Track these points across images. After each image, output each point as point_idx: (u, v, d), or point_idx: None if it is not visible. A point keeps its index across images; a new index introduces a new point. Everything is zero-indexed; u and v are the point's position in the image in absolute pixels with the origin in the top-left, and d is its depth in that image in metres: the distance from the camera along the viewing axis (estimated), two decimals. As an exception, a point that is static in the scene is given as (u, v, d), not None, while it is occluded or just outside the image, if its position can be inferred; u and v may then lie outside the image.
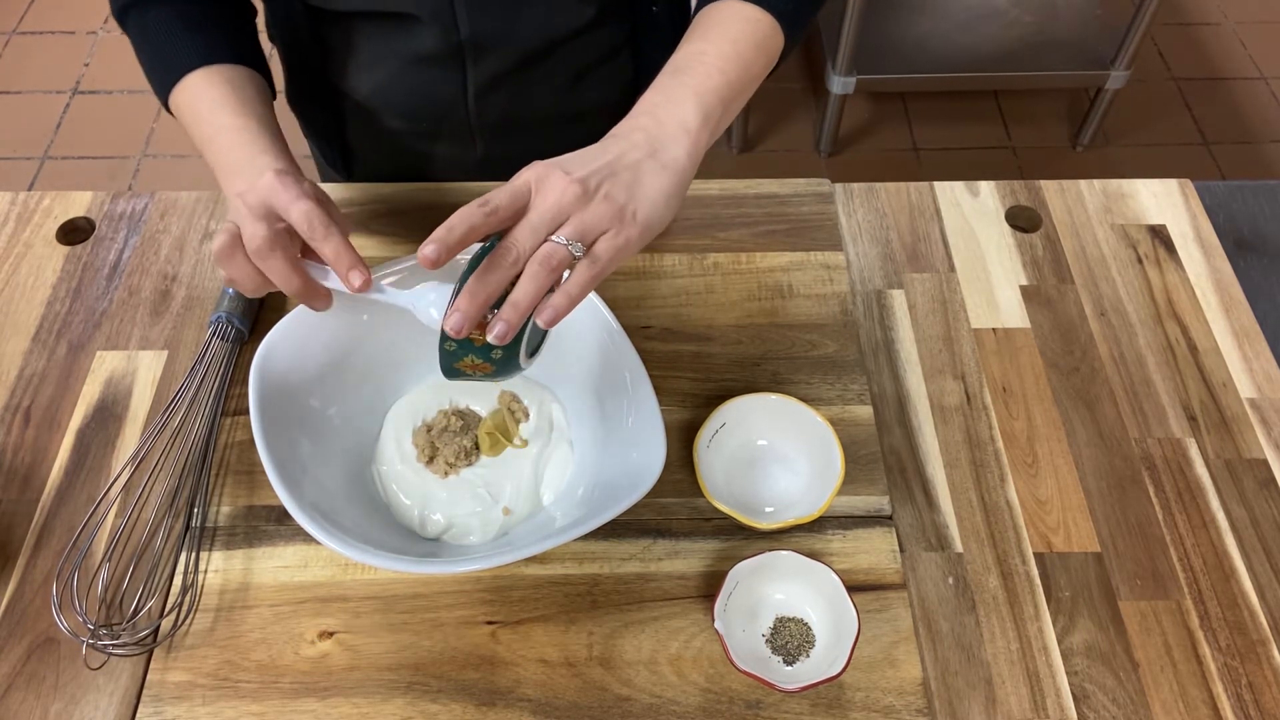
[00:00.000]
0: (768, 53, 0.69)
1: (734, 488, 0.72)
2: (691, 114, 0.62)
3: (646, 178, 0.59)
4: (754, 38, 0.68)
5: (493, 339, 0.54)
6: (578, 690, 0.64)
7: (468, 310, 0.53)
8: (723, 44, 0.66)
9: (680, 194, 0.61)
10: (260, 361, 0.67)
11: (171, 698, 0.64)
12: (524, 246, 0.55)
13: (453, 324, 0.53)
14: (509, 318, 0.54)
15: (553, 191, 0.56)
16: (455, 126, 0.91)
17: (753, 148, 2.17)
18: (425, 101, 0.89)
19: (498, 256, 0.54)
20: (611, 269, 0.57)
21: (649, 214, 0.58)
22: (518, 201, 0.56)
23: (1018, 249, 0.88)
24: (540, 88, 0.89)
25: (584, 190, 0.56)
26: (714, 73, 0.65)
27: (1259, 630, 0.67)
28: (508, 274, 0.54)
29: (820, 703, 0.63)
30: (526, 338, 0.57)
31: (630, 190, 0.58)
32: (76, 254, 0.87)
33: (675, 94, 0.63)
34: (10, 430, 0.76)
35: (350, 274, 0.60)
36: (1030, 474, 0.74)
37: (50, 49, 2.34)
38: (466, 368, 0.57)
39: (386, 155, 0.96)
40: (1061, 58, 2.04)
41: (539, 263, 0.54)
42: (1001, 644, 0.66)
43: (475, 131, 0.91)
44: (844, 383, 0.78)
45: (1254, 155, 2.14)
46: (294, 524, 0.67)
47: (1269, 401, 0.78)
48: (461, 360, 0.57)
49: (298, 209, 0.60)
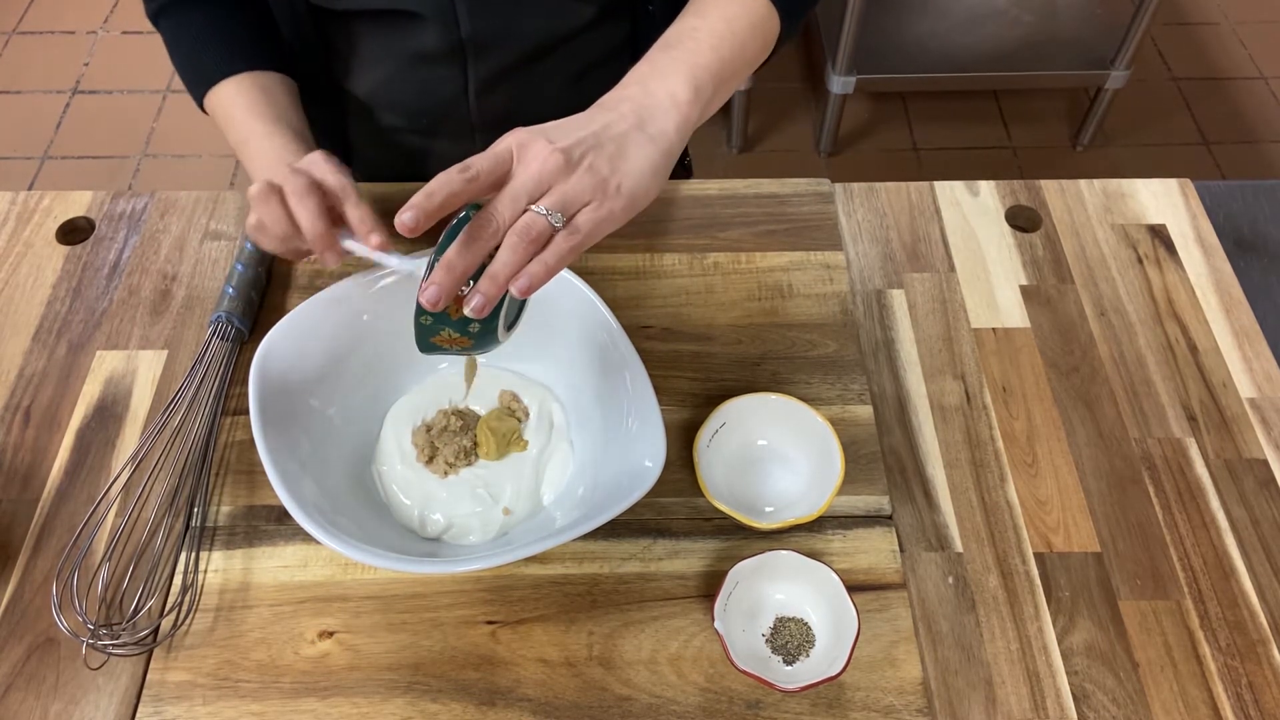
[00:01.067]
0: (763, 36, 0.68)
1: (734, 488, 0.72)
2: (681, 87, 0.61)
3: (632, 149, 0.57)
4: (749, 18, 0.67)
5: (470, 312, 0.53)
6: (578, 690, 0.64)
7: (444, 283, 0.52)
8: (717, 22, 0.65)
9: (667, 168, 0.59)
10: (260, 361, 0.67)
11: (171, 698, 0.64)
12: (504, 217, 0.54)
13: (429, 297, 0.52)
14: (486, 290, 0.53)
15: (535, 160, 0.55)
16: (456, 124, 0.91)
17: (753, 148, 2.17)
18: (426, 99, 0.89)
19: (477, 227, 0.53)
20: (592, 241, 0.56)
21: (633, 187, 0.57)
22: (499, 168, 0.55)
23: (1018, 249, 0.88)
24: (541, 86, 0.89)
25: (567, 160, 0.55)
26: (706, 49, 0.63)
27: (1259, 630, 0.67)
28: (487, 245, 0.53)
29: (820, 703, 0.63)
30: (505, 310, 0.56)
31: (614, 162, 0.56)
32: (76, 254, 0.87)
33: (666, 67, 0.62)
34: (10, 430, 0.76)
35: (370, 235, 0.66)
36: (1030, 474, 0.74)
37: (50, 49, 2.34)
38: (443, 342, 0.56)
39: (386, 153, 0.96)
40: (1061, 58, 2.04)
41: (518, 234, 0.53)
42: (1001, 644, 0.66)
43: (476, 129, 0.91)
44: (844, 383, 0.78)
45: (1254, 155, 2.14)
46: (294, 524, 0.67)
47: (1269, 401, 0.78)
48: (438, 334, 0.55)
49: (334, 179, 0.67)
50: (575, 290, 0.71)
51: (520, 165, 0.55)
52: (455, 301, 0.54)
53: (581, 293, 0.70)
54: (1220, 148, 2.16)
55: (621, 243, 0.87)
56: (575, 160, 0.55)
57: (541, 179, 0.54)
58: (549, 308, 0.73)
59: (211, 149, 2.14)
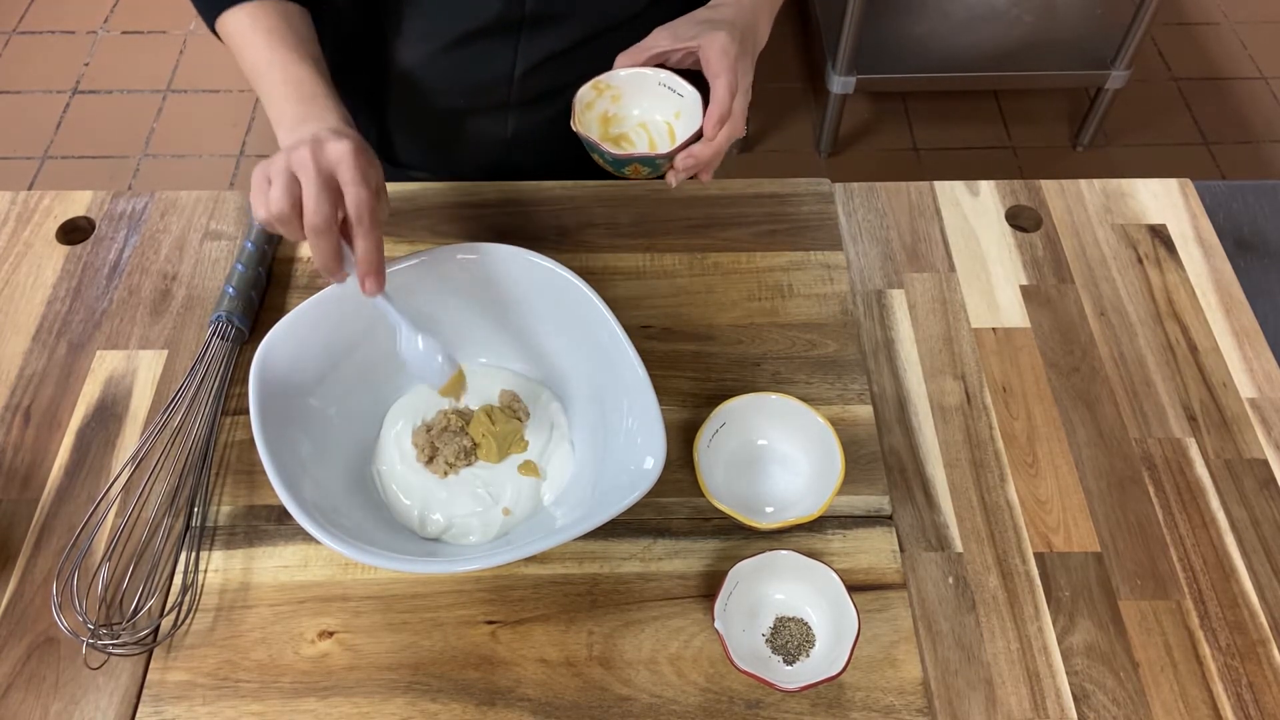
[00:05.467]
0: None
1: (734, 488, 0.72)
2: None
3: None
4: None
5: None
6: (578, 690, 0.64)
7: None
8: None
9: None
10: (260, 361, 0.67)
11: (171, 697, 0.64)
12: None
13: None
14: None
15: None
16: (493, 104, 0.91)
17: (753, 148, 2.17)
18: (471, 76, 0.89)
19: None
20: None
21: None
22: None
23: (1018, 249, 0.88)
24: (581, 68, 0.88)
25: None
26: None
27: (1259, 630, 0.67)
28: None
29: (820, 703, 0.63)
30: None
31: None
32: (76, 254, 0.87)
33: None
34: (10, 430, 0.76)
35: (366, 279, 0.63)
36: (1030, 474, 0.74)
37: (50, 49, 2.34)
38: (632, 172, 0.73)
39: (415, 131, 0.96)
40: (1061, 58, 2.04)
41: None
42: (1001, 644, 0.66)
43: (511, 109, 0.91)
44: (844, 383, 0.78)
45: (1254, 155, 2.14)
46: (294, 524, 0.67)
47: (1269, 401, 0.78)
48: (630, 165, 0.72)
49: (354, 194, 0.62)
50: (575, 290, 0.71)
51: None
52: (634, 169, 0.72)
53: (581, 293, 0.70)
54: (1220, 148, 2.15)
55: (622, 243, 0.87)
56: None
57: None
58: (549, 308, 0.73)
59: (211, 149, 2.14)
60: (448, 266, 0.73)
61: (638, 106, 0.77)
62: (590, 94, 0.75)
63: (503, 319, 0.75)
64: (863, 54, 1.98)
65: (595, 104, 0.75)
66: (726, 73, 0.70)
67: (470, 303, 0.75)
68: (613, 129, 0.77)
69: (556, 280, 0.72)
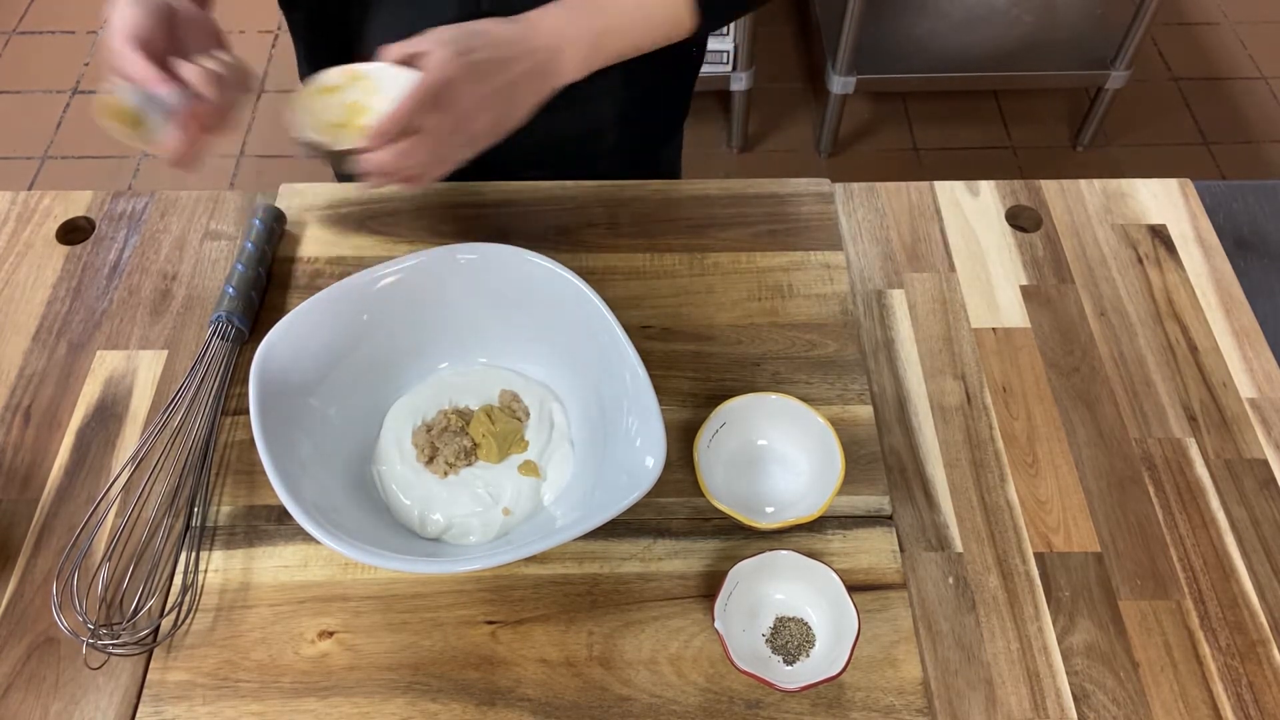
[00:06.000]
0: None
1: (734, 488, 0.72)
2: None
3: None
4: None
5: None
6: (578, 690, 0.64)
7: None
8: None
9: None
10: (260, 361, 0.67)
11: (171, 697, 0.64)
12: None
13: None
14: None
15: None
16: None
17: (753, 148, 2.17)
18: None
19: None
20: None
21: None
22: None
23: (1018, 249, 0.88)
24: None
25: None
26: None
27: (1259, 630, 0.67)
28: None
29: (820, 703, 0.63)
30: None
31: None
32: (76, 254, 0.87)
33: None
34: (10, 430, 0.76)
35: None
36: (1030, 474, 0.74)
37: (50, 49, 2.34)
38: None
39: None
40: (1061, 58, 2.04)
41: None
42: (1001, 644, 0.66)
43: None
44: (844, 383, 0.78)
45: (1254, 155, 2.14)
46: (294, 524, 0.67)
47: (1269, 401, 0.78)
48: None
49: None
50: (575, 290, 0.71)
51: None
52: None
53: (582, 293, 0.71)
54: (1220, 148, 2.16)
55: (622, 243, 0.87)
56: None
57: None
58: (549, 308, 0.73)
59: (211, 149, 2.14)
60: (448, 266, 0.73)
61: (386, 103, 0.70)
62: (339, 78, 0.71)
63: (503, 319, 0.75)
64: (863, 54, 1.98)
65: (345, 90, 0.71)
66: (423, 82, 0.65)
67: (470, 303, 0.75)
68: (362, 120, 0.70)
69: (556, 280, 0.72)
